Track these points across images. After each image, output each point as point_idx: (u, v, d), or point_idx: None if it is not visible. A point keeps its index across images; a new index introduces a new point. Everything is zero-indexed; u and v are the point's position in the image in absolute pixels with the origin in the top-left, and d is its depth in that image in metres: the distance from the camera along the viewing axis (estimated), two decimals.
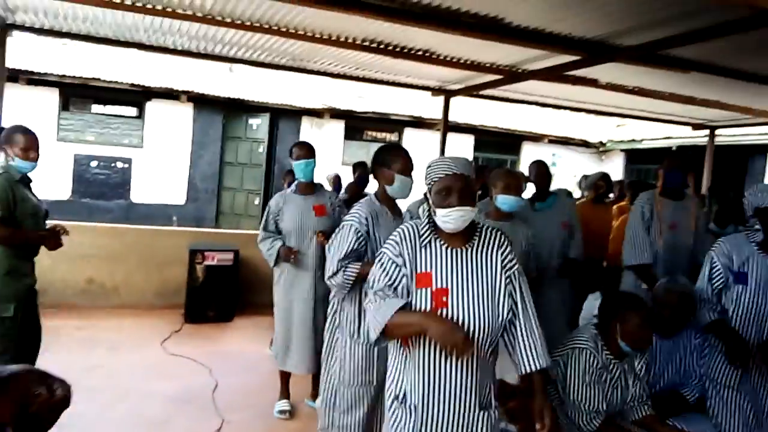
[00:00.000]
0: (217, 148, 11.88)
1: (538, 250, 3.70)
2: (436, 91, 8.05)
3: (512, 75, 6.53)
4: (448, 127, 8.26)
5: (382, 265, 2.00)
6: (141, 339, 5.51)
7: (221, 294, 6.30)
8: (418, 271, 1.95)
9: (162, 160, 11.51)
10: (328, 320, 3.05)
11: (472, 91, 7.75)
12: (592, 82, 6.76)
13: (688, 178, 4.05)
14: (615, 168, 13.44)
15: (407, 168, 2.91)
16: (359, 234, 2.76)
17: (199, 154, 11.78)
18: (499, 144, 13.92)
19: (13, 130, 3.31)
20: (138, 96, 11.14)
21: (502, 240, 2.06)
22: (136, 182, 11.40)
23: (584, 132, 14.44)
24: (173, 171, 11.64)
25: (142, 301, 6.60)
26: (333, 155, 12.43)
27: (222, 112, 11.79)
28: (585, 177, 7.76)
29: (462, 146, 12.87)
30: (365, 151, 12.93)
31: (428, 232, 2.00)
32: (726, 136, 10.09)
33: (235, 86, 12.04)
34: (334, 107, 12.19)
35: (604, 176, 5.84)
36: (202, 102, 11.52)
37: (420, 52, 5.80)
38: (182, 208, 11.75)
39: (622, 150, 14.03)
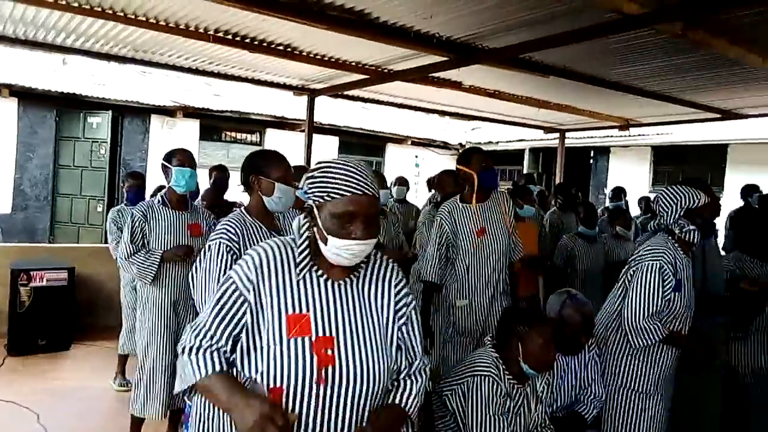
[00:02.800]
0: (50, 150, 10.45)
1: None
2: (298, 90, 7.66)
3: (378, 75, 6.35)
4: (313, 128, 7.89)
5: (222, 295, 1.51)
6: None
7: (54, 319, 5.40)
8: (288, 311, 1.48)
9: None
10: None
11: (336, 91, 7.47)
12: (457, 85, 6.79)
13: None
14: None
15: (289, 175, 2.49)
16: (231, 252, 2.26)
17: (27, 156, 10.28)
18: (363, 146, 13.79)
19: None
20: None
21: (395, 271, 1.65)
22: None
23: (445, 134, 14.80)
24: None
25: None
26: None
27: (54, 108, 10.40)
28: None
29: (326, 148, 12.55)
30: (224, 153, 12.16)
31: (306, 259, 1.53)
32: (574, 139, 10.77)
33: (70, 80, 10.68)
34: (188, 105, 11.28)
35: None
36: (28, 97, 10.05)
37: (281, 47, 5.39)
38: (9, 219, 10.19)
39: (458, 157, 14.51)
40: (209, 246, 2.31)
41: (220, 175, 5.18)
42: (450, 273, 3.46)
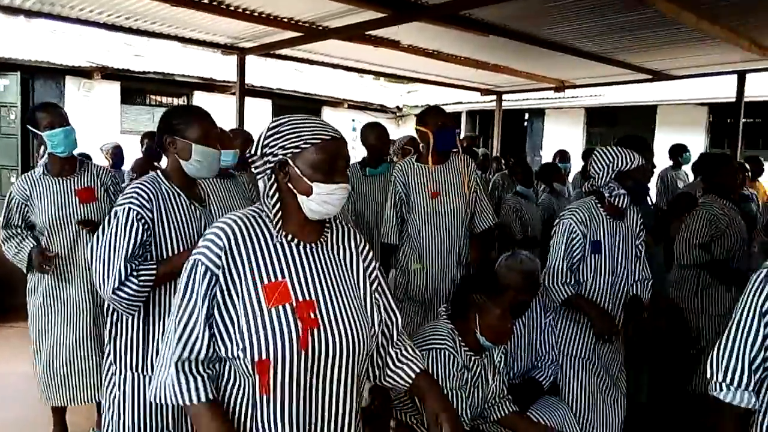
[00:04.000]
0: None
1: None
2: (227, 49, 7.22)
3: (312, 33, 6.04)
4: (244, 90, 7.50)
5: (190, 287, 1.41)
6: None
7: None
8: (264, 281, 1.40)
9: None
10: (106, 344, 2.16)
11: (268, 50, 7.10)
12: (394, 44, 6.58)
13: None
14: (411, 133, 13.80)
15: (211, 136, 2.17)
16: (142, 221, 1.97)
17: None
18: (298, 109, 13.34)
19: None
20: None
21: (355, 233, 1.61)
22: None
23: (381, 97, 14.57)
24: None
25: None
26: (108, 123, 10.78)
27: None
28: (391, 141, 7.59)
29: (259, 112, 12.08)
30: (149, 117, 11.51)
31: (280, 223, 1.46)
32: (510, 101, 10.81)
33: None
34: (106, 65, 10.52)
35: (412, 139, 5.65)
36: None
37: (206, 0, 5.00)
38: None
39: (416, 115, 14.41)
40: (115, 212, 1.99)
41: (152, 142, 4.80)
42: (405, 234, 3.34)
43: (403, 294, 3.32)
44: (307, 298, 1.41)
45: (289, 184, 1.44)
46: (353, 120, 14.05)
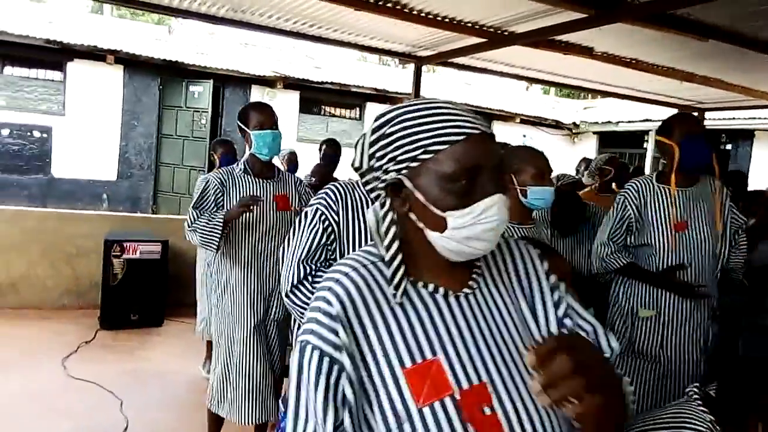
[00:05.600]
0: (153, 118, 10.50)
1: None
2: (404, 57, 7.03)
3: (497, 38, 5.58)
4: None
5: (304, 388, 0.91)
6: (38, 353, 4.36)
7: (146, 294, 5.18)
8: (405, 363, 0.90)
9: (88, 130, 10.06)
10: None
11: (445, 59, 6.77)
12: (586, 51, 5.87)
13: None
14: (587, 152, 12.74)
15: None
16: (326, 222, 1.80)
17: (132, 124, 10.39)
18: None
19: None
20: (59, 55, 9.63)
21: (528, 248, 1.08)
22: (58, 154, 9.94)
23: (554, 112, 13.70)
24: (102, 143, 10.21)
25: (48, 300, 5.42)
26: (287, 130, 11.22)
27: (158, 76, 10.40)
28: (585, 160, 6.84)
29: None
30: (323, 127, 11.81)
31: (400, 271, 0.94)
32: (713, 120, 9.44)
33: (173, 48, 10.67)
34: (288, 75, 10.96)
35: (611, 159, 4.92)
36: (133, 64, 10.10)
37: (390, 3, 4.77)
38: (114, 186, 10.39)
39: (594, 133, 13.34)
40: (304, 213, 1.86)
41: (331, 150, 4.66)
42: None
43: (626, 345, 2.64)
44: (475, 381, 0.90)
45: (411, 215, 0.94)
46: (524, 136, 13.32)
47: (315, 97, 11.81)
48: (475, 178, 0.90)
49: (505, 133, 13.28)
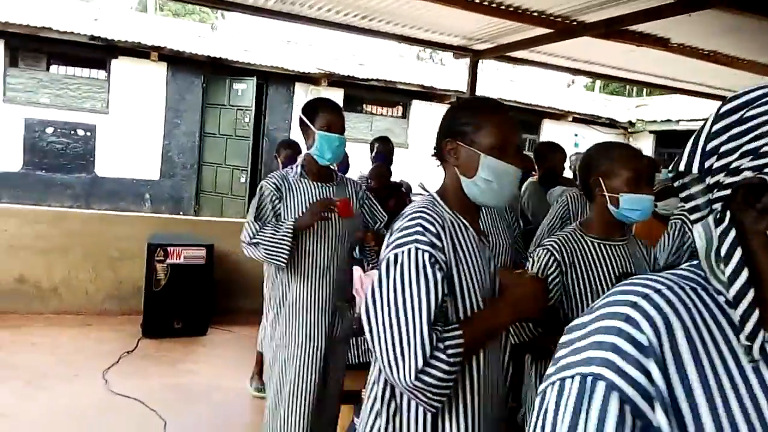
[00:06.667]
0: (196, 117, 10.31)
1: None
2: (459, 50, 6.63)
3: (564, 29, 5.13)
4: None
5: None
6: (78, 364, 4.10)
7: (190, 300, 4.89)
8: None
9: (131, 128, 9.92)
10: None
11: (503, 52, 6.34)
12: (661, 42, 5.38)
13: None
14: (644, 151, 12.09)
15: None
16: (437, 266, 1.29)
17: (175, 123, 10.22)
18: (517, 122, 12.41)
19: None
20: (102, 52, 9.51)
21: None
22: (102, 153, 9.82)
23: (606, 110, 13.05)
24: (145, 141, 10.07)
25: (89, 305, 5.18)
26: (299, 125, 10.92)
27: (201, 74, 10.21)
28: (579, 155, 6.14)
29: None
30: (367, 126, 11.47)
31: (754, 317, 0.60)
32: None
33: (216, 45, 10.47)
34: (333, 72, 10.64)
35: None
36: (176, 62, 9.92)
37: None
38: (157, 185, 10.24)
39: (651, 132, 12.65)
40: (394, 256, 1.29)
41: (385, 148, 4.27)
42: None
43: None
44: None
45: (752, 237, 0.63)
46: (576, 135, 12.72)
47: (359, 94, 11.47)
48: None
49: (556, 133, 12.72)
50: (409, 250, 1.27)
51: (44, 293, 5.07)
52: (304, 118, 2.51)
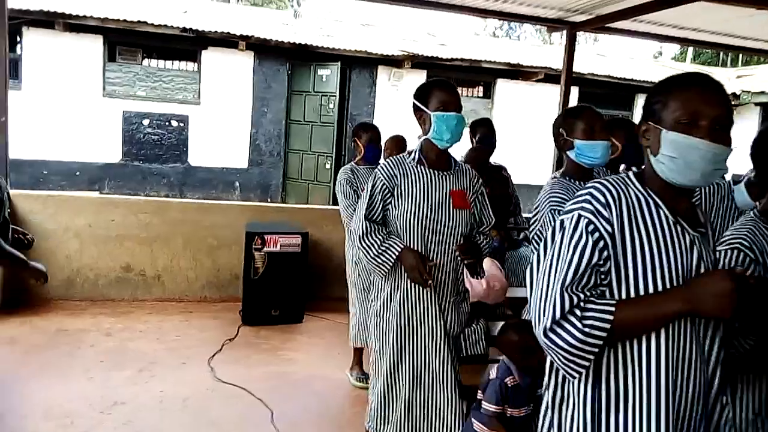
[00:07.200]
0: (282, 104, 10.43)
1: None
2: (553, 24, 6.28)
3: None
4: (571, 75, 6.44)
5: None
6: (184, 351, 4.21)
7: (287, 288, 4.91)
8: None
9: (221, 117, 10.17)
10: (545, 408, 1.44)
11: (602, 23, 5.96)
12: None
13: None
14: (748, 127, 11.13)
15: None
16: (596, 234, 1.28)
17: (262, 111, 10.37)
18: (608, 97, 11.76)
19: None
20: (193, 44, 9.76)
21: None
22: (194, 143, 10.13)
23: None
24: (234, 130, 10.29)
25: (189, 292, 5.33)
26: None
27: (286, 61, 10.29)
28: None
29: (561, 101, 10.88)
30: None
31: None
32: None
33: (300, 32, 10.51)
34: (417, 53, 10.43)
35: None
36: (263, 50, 10.03)
37: None
38: (245, 173, 10.47)
39: (756, 104, 11.63)
40: (561, 222, 1.32)
41: (488, 131, 4.05)
42: None
43: None
44: None
45: None
46: None
47: (442, 75, 11.21)
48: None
49: None
50: (572, 216, 1.30)
51: (148, 281, 5.25)
52: (417, 103, 2.40)
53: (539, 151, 10.31)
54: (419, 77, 10.92)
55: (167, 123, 9.91)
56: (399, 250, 2.30)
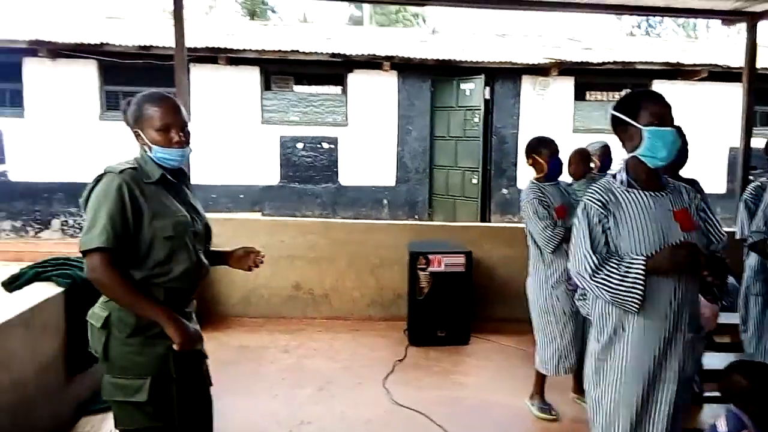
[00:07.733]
0: (426, 121, 10.50)
1: None
2: (730, 16, 5.68)
3: None
4: (755, 72, 5.79)
5: None
6: (358, 370, 4.28)
7: (452, 309, 4.84)
8: None
9: (368, 137, 10.45)
10: None
11: None
12: None
13: None
14: None
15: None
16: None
17: (407, 128, 10.51)
18: None
19: (144, 100, 2.05)
20: (339, 68, 10.14)
21: None
22: (344, 163, 10.50)
23: None
24: (380, 149, 10.52)
25: (354, 311, 5.44)
26: (561, 122, 10.33)
27: (429, 78, 10.35)
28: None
29: (727, 99, 9.85)
30: (601, 114, 10.60)
31: None
32: None
33: (440, 48, 10.52)
34: (564, 60, 10.02)
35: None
36: (406, 69, 10.17)
37: None
38: (393, 191, 10.65)
39: None
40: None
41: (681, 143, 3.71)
42: None
43: None
44: None
45: None
46: None
47: (590, 81, 10.68)
48: None
49: None
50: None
51: (317, 299, 5.44)
52: (623, 116, 2.13)
53: (708, 156, 9.44)
54: (566, 85, 10.49)
55: (318, 145, 10.36)
56: (643, 264, 1.99)
